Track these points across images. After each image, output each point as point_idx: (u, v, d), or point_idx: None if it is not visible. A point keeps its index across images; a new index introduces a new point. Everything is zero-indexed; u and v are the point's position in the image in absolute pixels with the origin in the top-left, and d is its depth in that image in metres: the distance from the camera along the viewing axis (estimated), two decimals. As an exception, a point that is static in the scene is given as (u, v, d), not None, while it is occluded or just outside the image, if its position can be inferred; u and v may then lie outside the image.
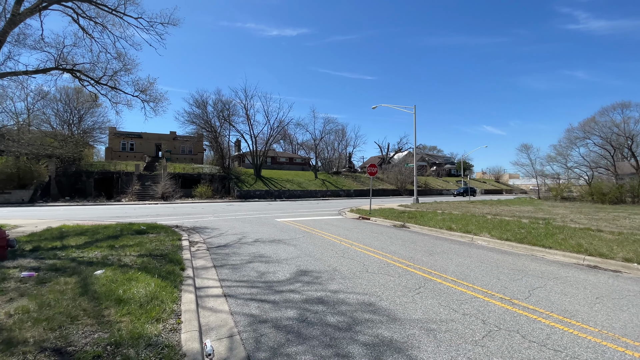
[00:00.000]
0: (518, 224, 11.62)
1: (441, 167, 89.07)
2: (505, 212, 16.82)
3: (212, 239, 9.54)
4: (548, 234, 9.44)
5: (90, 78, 14.07)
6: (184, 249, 7.54)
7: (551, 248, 7.97)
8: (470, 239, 9.94)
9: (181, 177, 38.02)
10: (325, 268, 6.26)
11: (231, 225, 12.89)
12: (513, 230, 10.40)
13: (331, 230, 11.67)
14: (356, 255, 7.47)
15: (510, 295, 4.87)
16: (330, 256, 7.29)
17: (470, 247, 8.80)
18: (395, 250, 8.04)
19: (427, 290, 5.01)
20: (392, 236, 10.40)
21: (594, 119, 30.84)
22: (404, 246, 8.66)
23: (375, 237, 10.08)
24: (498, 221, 12.57)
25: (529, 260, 7.28)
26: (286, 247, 8.34)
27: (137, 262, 5.88)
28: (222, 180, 40.00)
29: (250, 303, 4.44)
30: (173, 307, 3.98)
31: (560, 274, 6.10)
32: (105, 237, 8.57)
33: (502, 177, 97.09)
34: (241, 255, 7.40)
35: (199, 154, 52.93)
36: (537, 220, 12.95)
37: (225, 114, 43.47)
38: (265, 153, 46.80)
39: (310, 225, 13.09)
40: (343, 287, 5.13)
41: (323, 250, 7.99)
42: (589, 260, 7.06)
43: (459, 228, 11.12)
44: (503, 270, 6.33)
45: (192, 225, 12.75)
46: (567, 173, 34.78)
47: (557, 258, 7.52)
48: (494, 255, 7.75)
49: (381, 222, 14.61)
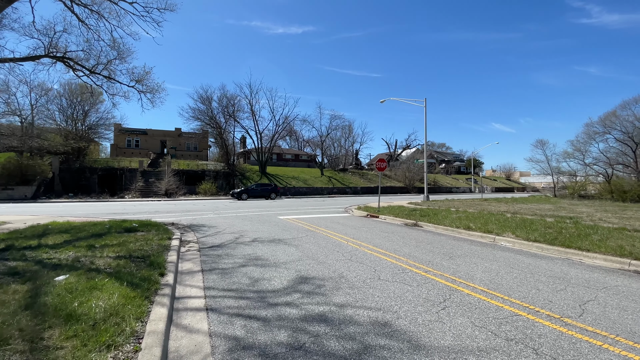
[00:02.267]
0: (543, 223, 10.56)
1: (450, 164, 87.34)
2: (525, 210, 15.70)
3: (207, 238, 8.72)
4: (581, 235, 8.40)
5: (84, 67, 13.37)
6: (171, 249, 6.72)
7: (589, 251, 6.95)
8: (492, 240, 8.95)
9: (185, 174, 37.47)
10: (329, 274, 5.37)
11: (230, 223, 12.08)
12: (539, 230, 9.37)
13: (337, 229, 10.77)
14: (365, 258, 6.56)
15: (558, 311, 3.91)
16: (336, 259, 6.39)
17: (493, 249, 7.81)
18: (409, 253, 7.11)
19: (454, 304, 4.08)
20: (405, 236, 9.46)
21: (615, 113, 29.27)
22: (419, 248, 7.72)
23: (386, 237, 9.15)
24: (520, 220, 11.52)
25: (566, 265, 6.28)
26: (286, 248, 7.47)
27: (110, 266, 5.06)
28: (227, 177, 39.37)
29: (235, 320, 3.58)
30: (135, 326, 3.13)
31: (608, 283, 5.12)
32: (88, 235, 7.81)
33: (513, 175, 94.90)
34: (235, 257, 6.55)
35: (204, 151, 52.43)
36: (563, 219, 11.86)
37: (230, 110, 42.81)
38: (270, 150, 46.03)
39: (315, 223, 12.21)
40: (351, 299, 4.24)
41: (328, 252, 7.10)
42: (636, 265, 6.04)
43: (477, 227, 10.13)
44: (540, 277, 5.35)
45: (189, 223, 11.98)
46: (585, 170, 33.23)
47: (597, 262, 6.50)
48: (524, 258, 6.76)
49: (391, 220, 13.65)
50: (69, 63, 13.30)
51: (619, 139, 29.10)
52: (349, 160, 72.02)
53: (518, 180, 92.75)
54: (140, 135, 51.50)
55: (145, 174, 36.42)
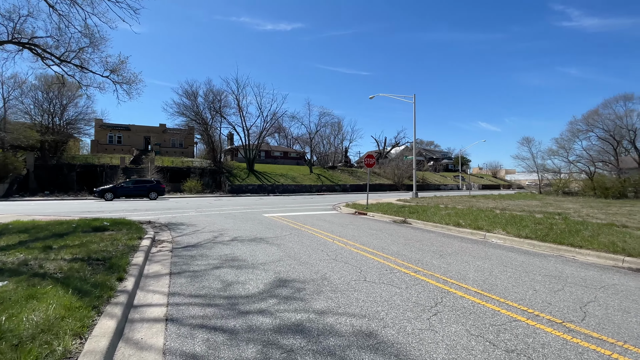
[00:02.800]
0: (533, 219, 10.37)
1: (438, 162, 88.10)
2: (513, 207, 15.61)
3: (183, 237, 8.14)
4: (572, 231, 8.19)
5: (53, 55, 12.49)
6: (139, 250, 6.14)
7: (581, 247, 6.71)
8: (482, 237, 8.66)
9: (169, 171, 36.39)
10: (311, 276, 4.91)
11: (212, 221, 11.49)
12: (530, 226, 9.14)
13: (323, 226, 10.33)
14: (351, 257, 6.13)
15: (559, 315, 3.56)
16: (320, 259, 5.94)
17: (484, 246, 7.51)
18: (398, 251, 6.72)
19: (447, 309, 3.68)
20: (393, 233, 9.09)
21: (597, 112, 29.77)
22: (407, 246, 7.34)
23: (374, 235, 8.76)
24: (509, 216, 11.32)
25: (560, 262, 6.00)
26: (267, 247, 6.97)
27: (62, 270, 4.47)
28: (213, 175, 38.45)
29: (197, 333, 3.08)
30: (71, 345, 2.61)
31: (605, 281, 4.83)
32: (49, 235, 7.13)
33: (499, 173, 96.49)
34: (209, 258, 6.02)
35: (190, 147, 51.18)
36: (551, 215, 11.73)
37: (217, 106, 41.79)
38: (258, 146, 45.23)
39: (301, 221, 11.74)
40: (333, 304, 3.79)
41: (311, 251, 6.64)
42: (630, 262, 5.81)
43: (467, 224, 9.85)
44: (535, 277, 5.03)
45: (167, 221, 11.33)
46: (568, 167, 33.75)
47: (590, 259, 6.26)
48: (516, 256, 6.46)
49: (379, 217, 13.30)
50: (37, 50, 12.40)
51: (601, 137, 29.63)
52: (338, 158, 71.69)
53: (504, 177, 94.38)
54: (123, 131, 49.86)
55: (127, 171, 35.17)
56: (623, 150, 29.27)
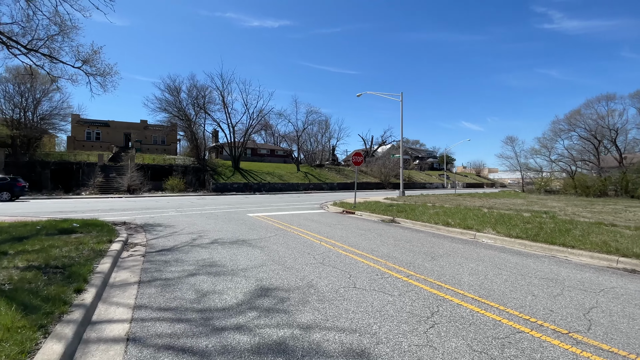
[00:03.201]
0: (521, 218, 10.30)
1: (424, 160, 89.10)
2: (499, 205, 15.65)
3: (158, 240, 7.59)
4: (562, 230, 8.09)
5: (19, 44, 11.58)
6: (107, 255, 5.60)
7: (574, 247, 6.57)
8: (472, 236, 8.47)
9: (151, 169, 35.16)
10: (296, 283, 4.52)
11: (192, 221, 10.92)
12: (519, 225, 9.02)
13: (310, 227, 9.94)
14: (339, 260, 5.77)
15: (564, 324, 3.30)
16: (306, 263, 5.55)
17: (476, 246, 7.30)
18: (388, 253, 6.40)
19: (444, 320, 3.36)
20: (382, 234, 8.79)
21: (579, 111, 30.54)
22: (398, 247, 7.04)
23: (362, 235, 8.44)
24: (497, 215, 11.24)
25: (554, 264, 5.82)
26: (250, 250, 6.53)
27: (12, 280, 3.92)
28: (197, 173, 37.42)
29: (162, 356, 2.64)
30: (1, 380, 2.13)
31: (604, 284, 4.64)
32: (8, 238, 6.46)
33: (483, 172, 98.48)
34: (185, 263, 5.53)
35: (172, 145, 49.75)
36: (538, 213, 11.72)
37: (201, 102, 40.66)
38: (244, 144, 44.36)
39: (287, 221, 11.32)
40: (320, 317, 3.41)
41: (297, 254, 6.24)
42: (624, 263, 5.68)
43: (457, 223, 9.66)
44: (532, 280, 4.80)
45: (143, 222, 10.69)
46: (550, 166, 34.54)
47: (584, 260, 6.11)
48: (509, 257, 6.25)
49: (367, 216, 13.02)
50: (1, 38, 11.47)
51: (583, 136, 30.41)
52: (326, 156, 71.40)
53: (487, 176, 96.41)
54: (102, 127, 48.00)
55: (105, 169, 33.79)
56: (604, 150, 30.12)
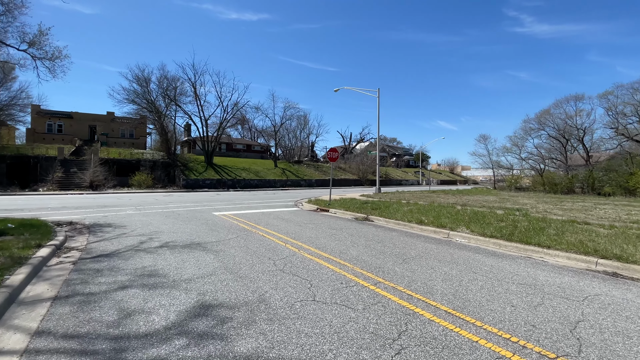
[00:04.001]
0: (495, 216, 10.10)
1: (400, 158, 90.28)
2: (472, 202, 15.61)
3: (100, 244, 6.66)
4: (536, 229, 7.87)
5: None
6: (27, 264, 4.68)
7: (549, 247, 6.30)
8: (446, 235, 8.11)
9: (116, 164, 33.07)
10: (246, 297, 3.85)
11: (148, 221, 9.94)
12: (493, 224, 8.78)
13: (279, 226, 9.26)
14: (302, 266, 5.14)
15: (550, 344, 2.84)
16: (263, 271, 4.88)
17: (449, 246, 6.90)
18: (357, 256, 5.85)
19: (413, 343, 2.81)
20: (354, 233, 8.26)
21: (549, 111, 31.56)
22: (368, 248, 6.51)
23: (333, 236, 7.86)
24: (471, 212, 11.02)
25: (531, 266, 5.48)
26: (202, 255, 5.77)
27: None
28: (167, 168, 35.61)
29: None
30: None
31: (587, 291, 4.29)
32: None
33: (456, 169, 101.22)
34: (120, 273, 4.71)
35: (142, 138, 47.20)
36: (511, 211, 11.63)
37: (172, 93, 38.65)
38: (217, 138, 42.73)
39: (254, 220, 10.58)
40: (265, 344, 2.77)
41: (256, 259, 5.56)
42: (605, 265, 5.41)
43: (430, 221, 9.30)
44: (509, 286, 4.38)
45: (93, 222, 9.60)
46: (521, 164, 35.60)
47: (560, 261, 5.83)
48: (484, 259, 5.87)
49: (341, 214, 12.50)
50: None
51: (552, 135, 31.45)
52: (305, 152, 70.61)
53: (460, 173, 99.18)
54: (64, 119, 44.77)
55: (66, 163, 31.42)
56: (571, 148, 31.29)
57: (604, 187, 28.07)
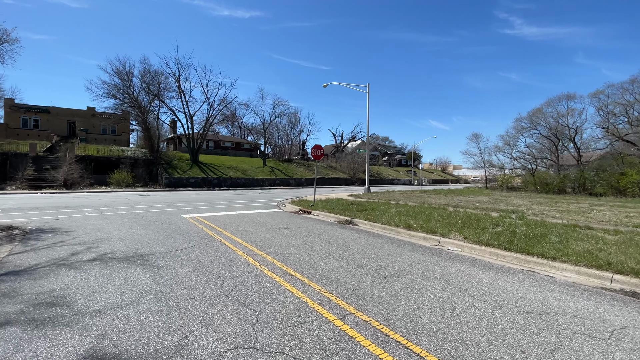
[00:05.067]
0: (490, 220, 9.23)
1: (392, 157, 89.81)
2: (465, 203, 14.78)
3: (22, 255, 5.50)
4: (536, 236, 6.99)
5: None
6: None
7: (555, 259, 5.41)
8: (437, 243, 7.18)
9: (94, 161, 31.50)
10: (161, 341, 2.80)
11: (101, 226, 8.78)
12: (489, 229, 7.88)
13: (249, 232, 8.22)
14: (256, 289, 4.11)
15: None
16: (202, 297, 3.83)
17: (440, 257, 5.96)
18: (329, 272, 4.84)
19: None
20: (332, 240, 7.26)
21: (541, 110, 31.08)
22: (345, 261, 5.52)
23: (307, 244, 6.85)
24: (464, 215, 10.13)
25: (536, 283, 4.56)
26: (137, 273, 4.69)
27: None
28: (149, 166, 34.11)
29: None
30: None
31: (610, 321, 3.37)
32: None
33: (448, 168, 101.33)
34: (14, 299, 3.60)
35: (124, 135, 45.39)
36: (506, 213, 10.79)
37: (154, 88, 37.08)
38: (203, 135, 41.28)
39: (224, 224, 9.51)
40: None
41: (201, 279, 4.51)
42: (621, 282, 4.52)
43: (420, 226, 8.37)
44: (515, 317, 3.43)
45: (36, 227, 8.40)
46: (512, 163, 35.13)
47: (569, 277, 4.93)
48: (481, 275, 4.93)
49: (324, 217, 11.50)
50: None
51: (544, 134, 30.99)
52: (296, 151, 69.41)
53: (452, 172, 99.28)
54: (41, 114, 42.70)
55: (38, 161, 29.72)
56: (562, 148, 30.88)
57: (595, 187, 27.70)
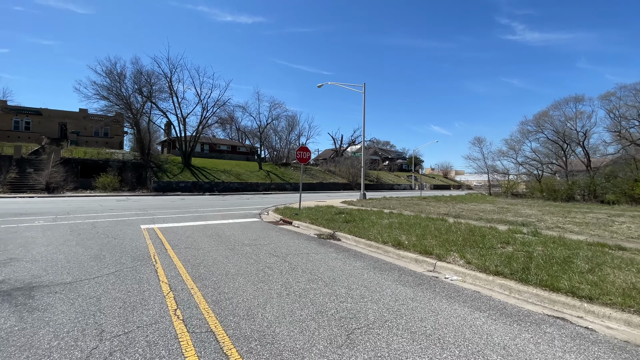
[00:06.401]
0: (496, 236, 7.71)
1: (393, 162, 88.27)
2: (467, 213, 13.26)
3: None
4: (559, 260, 5.48)
5: None
6: None
7: (591, 300, 3.92)
8: (431, 268, 5.70)
9: (81, 164, 30.26)
10: None
11: (34, 239, 7.36)
12: (496, 248, 6.39)
13: (200, 251, 6.77)
14: None
15: None
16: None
17: (434, 293, 4.47)
18: (269, 325, 3.37)
19: None
20: (298, 265, 5.79)
21: (547, 113, 29.53)
22: (301, 302, 4.04)
23: (263, 272, 5.39)
24: (466, 229, 8.62)
25: (573, 347, 3.06)
26: (-11, 322, 3.25)
27: None
28: (138, 169, 32.84)
29: None
30: None
31: None
32: None
33: (449, 174, 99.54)
34: None
35: (116, 137, 44.26)
36: (516, 226, 9.28)
37: (146, 90, 35.92)
38: (196, 138, 40.03)
39: (179, 239, 8.08)
40: None
41: (73, 335, 3.04)
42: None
43: (412, 243, 6.88)
44: None
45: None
46: (517, 169, 33.54)
47: (616, 328, 3.43)
48: (491, 327, 3.44)
49: (304, 228, 10.05)
50: None
51: (551, 138, 29.40)
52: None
53: (454, 178, 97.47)
54: (32, 116, 41.77)
55: (22, 163, 28.53)
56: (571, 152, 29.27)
57: (607, 195, 26.08)
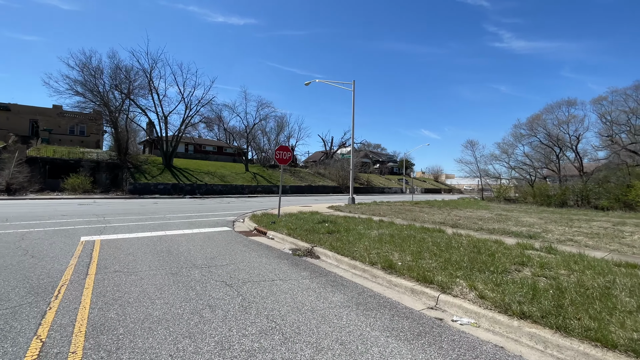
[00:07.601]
0: (507, 253, 6.40)
1: (384, 165, 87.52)
2: (465, 221, 12.02)
3: None
4: (597, 292, 4.17)
5: None
6: None
7: (675, 371, 2.58)
8: (432, 303, 4.33)
9: (49, 163, 28.11)
10: None
11: None
12: (510, 271, 5.07)
13: (135, 277, 5.26)
14: None
15: None
16: None
17: (441, 352, 3.08)
18: None
19: None
20: (254, 302, 4.34)
21: (540, 116, 28.85)
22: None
23: (199, 314, 3.92)
24: (469, 244, 7.29)
25: None
26: None
27: None
28: (113, 170, 30.81)
29: None
30: None
31: None
32: None
33: (440, 177, 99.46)
34: None
35: (93, 136, 41.93)
36: (524, 239, 8.02)
37: (125, 86, 33.94)
38: (179, 138, 38.13)
39: (118, 257, 6.53)
40: None
41: None
42: None
43: (406, 265, 5.50)
44: None
45: None
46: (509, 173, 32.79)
47: None
48: None
49: (279, 241, 8.60)
50: None
51: (544, 142, 28.70)
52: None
53: (444, 181, 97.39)
54: (0, 112, 39.15)
55: (-18, 162, 26.22)
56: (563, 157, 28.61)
57: (600, 201, 25.49)
